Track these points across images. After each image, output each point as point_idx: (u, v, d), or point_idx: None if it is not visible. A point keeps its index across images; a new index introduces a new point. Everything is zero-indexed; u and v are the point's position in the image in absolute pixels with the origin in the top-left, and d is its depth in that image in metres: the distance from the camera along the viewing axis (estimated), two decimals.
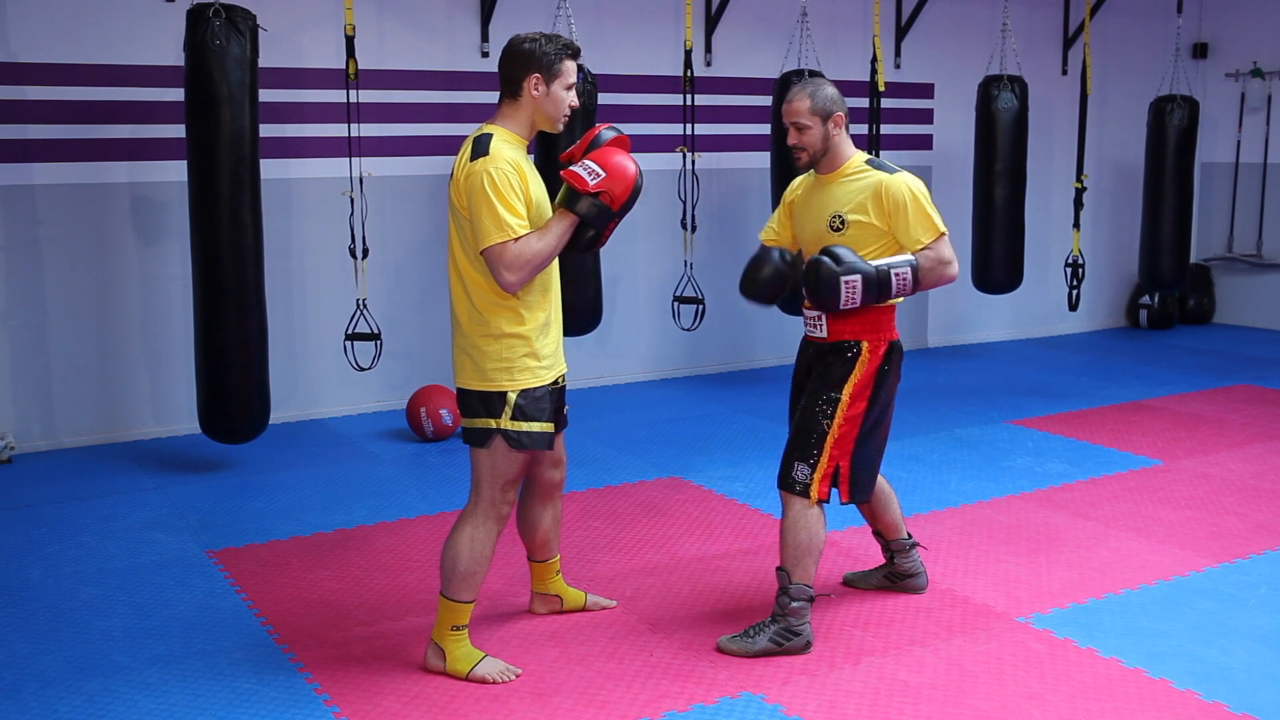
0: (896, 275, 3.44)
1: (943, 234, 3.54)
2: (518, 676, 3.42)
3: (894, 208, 3.51)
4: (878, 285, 3.42)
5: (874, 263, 3.45)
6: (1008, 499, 5.08)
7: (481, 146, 3.23)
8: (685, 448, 5.97)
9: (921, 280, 3.49)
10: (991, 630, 3.74)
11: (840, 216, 3.56)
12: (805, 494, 3.53)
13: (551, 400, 3.40)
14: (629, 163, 3.31)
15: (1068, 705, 3.26)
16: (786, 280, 3.66)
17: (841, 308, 3.44)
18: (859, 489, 3.62)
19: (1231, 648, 3.61)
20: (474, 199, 3.19)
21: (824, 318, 3.58)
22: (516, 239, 3.18)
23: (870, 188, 3.54)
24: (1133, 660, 3.52)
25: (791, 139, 3.60)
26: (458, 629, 3.42)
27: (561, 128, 3.41)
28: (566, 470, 3.75)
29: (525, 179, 3.26)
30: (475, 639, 3.54)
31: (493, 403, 3.32)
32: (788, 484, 3.57)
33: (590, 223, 3.30)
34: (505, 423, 3.31)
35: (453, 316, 3.39)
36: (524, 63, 3.30)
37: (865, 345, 3.55)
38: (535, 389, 3.34)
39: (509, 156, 3.23)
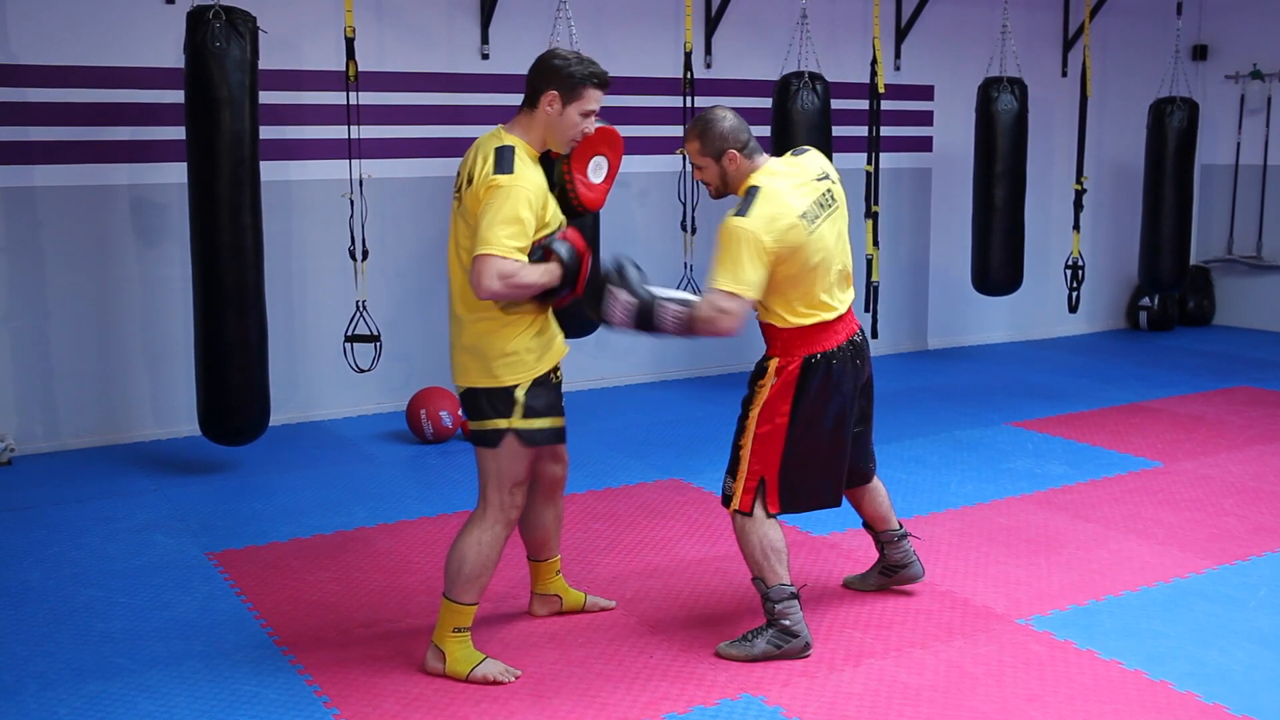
0: (668, 309, 3.36)
1: (733, 295, 3.34)
2: (517, 678, 3.42)
3: (717, 245, 3.43)
4: (647, 313, 3.34)
5: (656, 292, 3.38)
6: (1007, 501, 5.08)
7: (505, 162, 3.19)
8: (685, 450, 5.97)
9: (694, 325, 3.37)
10: (991, 632, 3.74)
11: None
12: (728, 504, 3.60)
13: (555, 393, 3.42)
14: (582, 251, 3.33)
15: (1068, 707, 3.25)
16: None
17: (609, 320, 3.37)
18: (795, 499, 3.60)
19: (1231, 650, 3.61)
20: (488, 207, 3.15)
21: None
22: (514, 259, 3.15)
23: None
24: (1133, 662, 3.52)
25: (695, 175, 3.62)
26: (460, 631, 3.42)
27: (569, 150, 3.39)
28: (568, 469, 3.76)
29: (545, 203, 3.26)
30: (475, 640, 3.53)
31: (502, 402, 3.31)
32: (722, 497, 3.65)
33: (567, 288, 3.29)
34: (517, 422, 3.32)
35: (452, 315, 3.38)
36: (547, 77, 3.29)
37: (774, 362, 3.54)
38: (539, 379, 3.35)
39: (534, 180, 3.22)
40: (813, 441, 3.59)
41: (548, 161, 3.43)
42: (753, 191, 3.46)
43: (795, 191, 3.48)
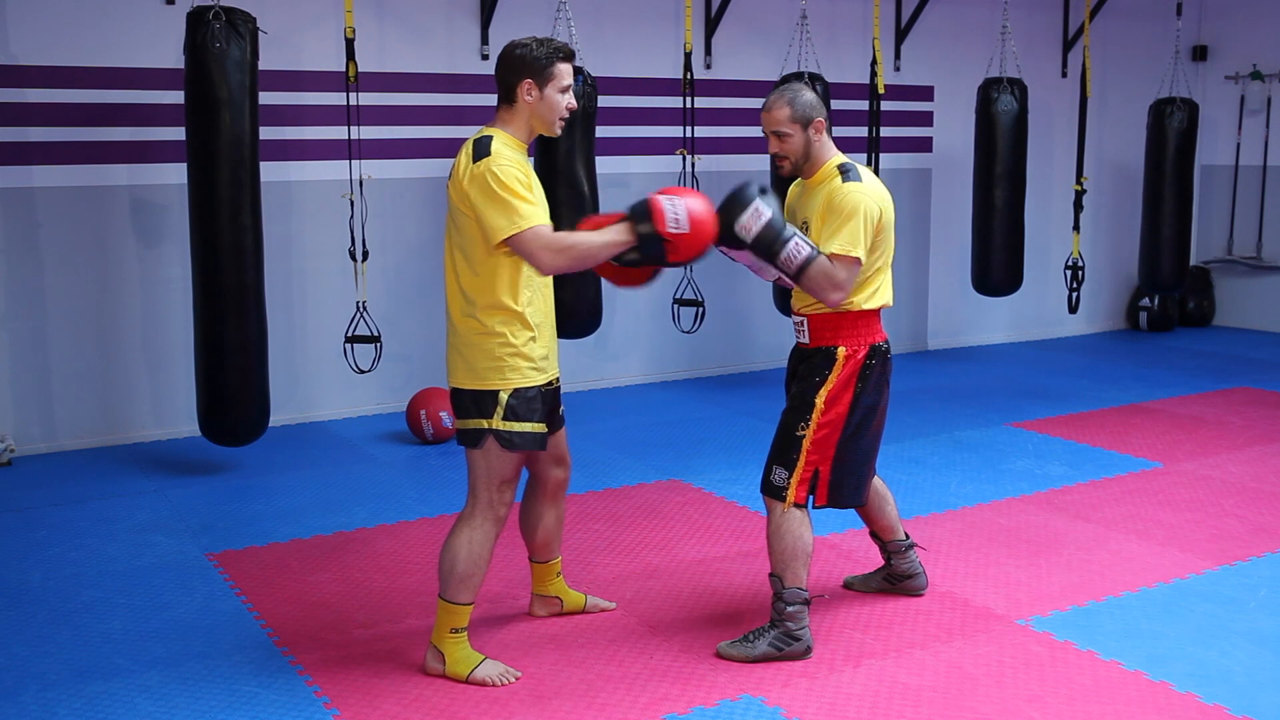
0: (794, 244, 3.36)
1: (853, 259, 3.41)
2: (517, 679, 3.42)
3: (830, 211, 3.45)
4: (774, 238, 3.34)
5: (789, 226, 3.41)
6: (1008, 501, 5.08)
7: (483, 148, 3.25)
8: (685, 450, 5.97)
9: (804, 278, 3.39)
10: (992, 633, 3.74)
11: (806, 221, 3.55)
12: (782, 497, 3.53)
13: (544, 401, 3.40)
14: (710, 230, 3.25)
15: (1068, 708, 3.25)
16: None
17: (736, 229, 3.34)
18: (842, 494, 3.60)
19: (1232, 650, 3.61)
20: (482, 199, 3.20)
21: (807, 323, 3.58)
22: (541, 224, 3.19)
23: (826, 191, 3.50)
24: (1133, 663, 3.52)
25: (772, 147, 3.55)
26: (457, 631, 3.42)
27: (559, 131, 3.42)
28: (570, 471, 3.76)
29: (529, 174, 3.29)
30: (475, 641, 3.53)
31: (485, 402, 3.32)
32: (766, 487, 3.58)
33: (640, 252, 3.26)
34: (497, 423, 3.32)
35: (447, 316, 3.40)
36: (517, 68, 3.32)
37: (842, 350, 3.53)
38: (527, 389, 3.34)
39: (511, 156, 3.26)
40: (865, 434, 3.61)
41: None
42: (851, 167, 3.52)
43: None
